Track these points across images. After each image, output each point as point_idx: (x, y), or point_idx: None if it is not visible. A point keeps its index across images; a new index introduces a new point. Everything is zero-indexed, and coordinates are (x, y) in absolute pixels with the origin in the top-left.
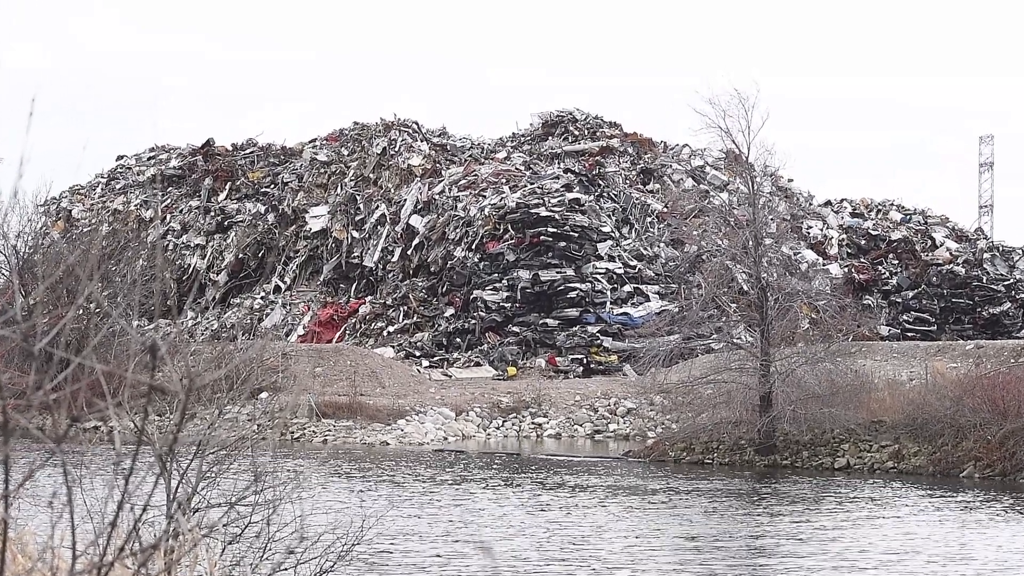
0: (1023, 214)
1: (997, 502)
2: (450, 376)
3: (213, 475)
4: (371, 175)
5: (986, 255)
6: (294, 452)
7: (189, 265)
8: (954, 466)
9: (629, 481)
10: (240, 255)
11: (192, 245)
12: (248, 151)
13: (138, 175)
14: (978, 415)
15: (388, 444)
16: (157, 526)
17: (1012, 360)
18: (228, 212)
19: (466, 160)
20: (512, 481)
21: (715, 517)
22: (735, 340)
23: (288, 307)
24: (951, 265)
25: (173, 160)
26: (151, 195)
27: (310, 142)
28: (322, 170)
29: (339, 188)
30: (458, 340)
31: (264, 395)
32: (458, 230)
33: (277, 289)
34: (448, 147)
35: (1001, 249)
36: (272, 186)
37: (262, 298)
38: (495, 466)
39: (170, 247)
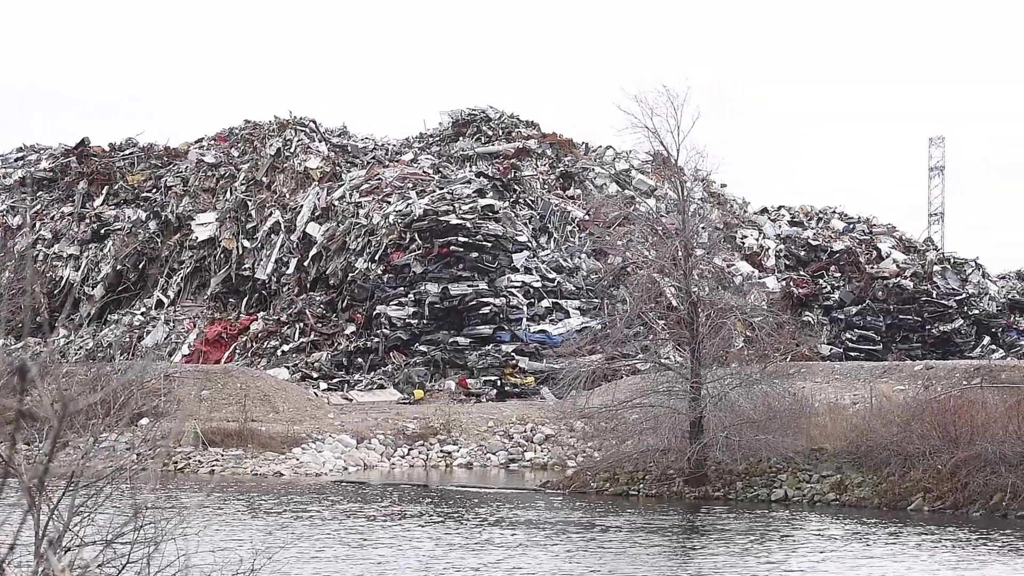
0: (976, 223)
1: (948, 538)
2: (351, 400)
3: (88, 510)
4: (264, 178)
5: (936, 268)
6: (178, 484)
7: (61, 277)
8: (901, 498)
9: (546, 515)
10: (118, 266)
11: (65, 255)
12: (127, 152)
13: (3, 178)
14: (927, 442)
15: (282, 475)
16: (25, 567)
17: (964, 382)
18: (105, 219)
19: (369, 163)
20: (418, 515)
21: (640, 555)
22: (663, 360)
23: (172, 324)
24: (898, 278)
25: (44, 161)
26: (19, 200)
27: (196, 142)
28: (210, 173)
29: (228, 193)
30: (360, 360)
31: (144, 421)
32: (360, 239)
33: (159, 304)
34: (349, 148)
35: (953, 261)
36: (154, 191)
37: (143, 314)
38: (399, 499)
39: (40, 257)
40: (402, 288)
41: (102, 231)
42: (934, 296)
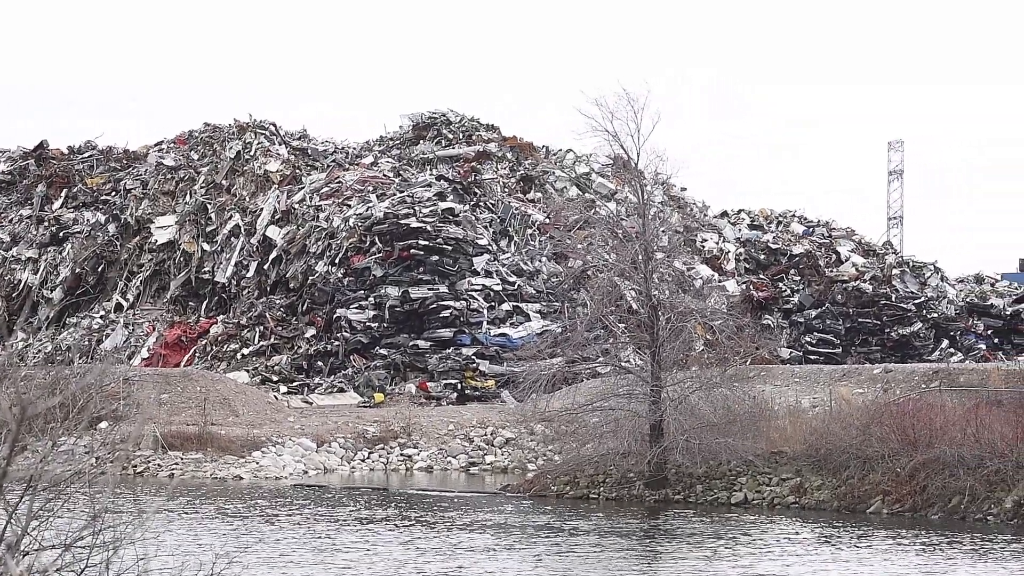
0: (935, 226)
1: (907, 540)
2: (311, 403)
3: (46, 514)
4: (224, 182)
5: (895, 271)
6: (137, 488)
7: (20, 281)
8: (860, 501)
9: (512, 519)
10: (77, 269)
11: (23, 258)
12: (87, 155)
13: None
14: (886, 445)
15: (242, 479)
16: None
17: (923, 385)
18: (64, 222)
19: (329, 166)
20: (384, 519)
21: (599, 558)
22: (623, 364)
23: (131, 327)
24: (857, 282)
25: (1, 164)
26: None
27: (156, 145)
28: (169, 176)
29: (188, 196)
30: (320, 364)
31: (103, 425)
32: (320, 242)
33: (119, 307)
34: (309, 151)
35: (912, 265)
36: (113, 193)
37: (102, 317)
38: (360, 502)
39: None
40: (362, 291)
41: (61, 234)
42: (893, 300)
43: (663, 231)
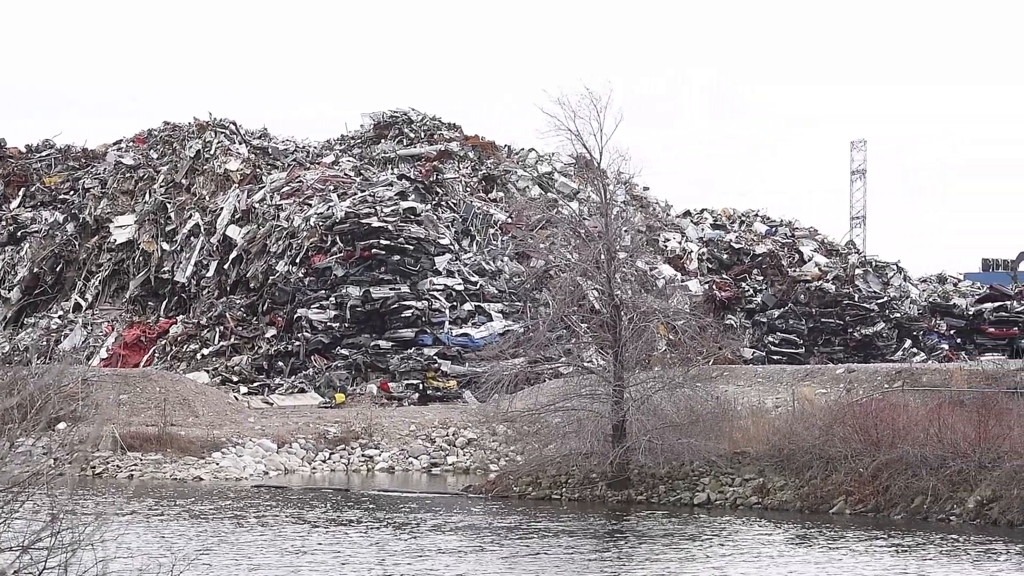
0: (898, 226)
1: (880, 541)
2: (271, 404)
3: (4, 515)
4: (183, 181)
5: (858, 271)
6: (96, 489)
7: None
8: (823, 501)
9: (468, 519)
10: (35, 269)
11: None
12: (44, 153)
13: None
14: (849, 446)
15: (202, 479)
16: None
17: (886, 385)
18: (21, 221)
19: (290, 165)
20: (351, 521)
21: (560, 560)
22: (586, 364)
23: (90, 327)
24: (820, 282)
25: None
26: None
27: (115, 144)
28: (128, 175)
29: (147, 195)
30: (280, 364)
31: (62, 426)
32: (281, 242)
33: (77, 307)
34: (270, 150)
35: (874, 264)
36: (72, 193)
37: (60, 317)
38: (321, 503)
39: None
40: (323, 291)
41: (18, 233)
42: (856, 299)
43: (626, 231)
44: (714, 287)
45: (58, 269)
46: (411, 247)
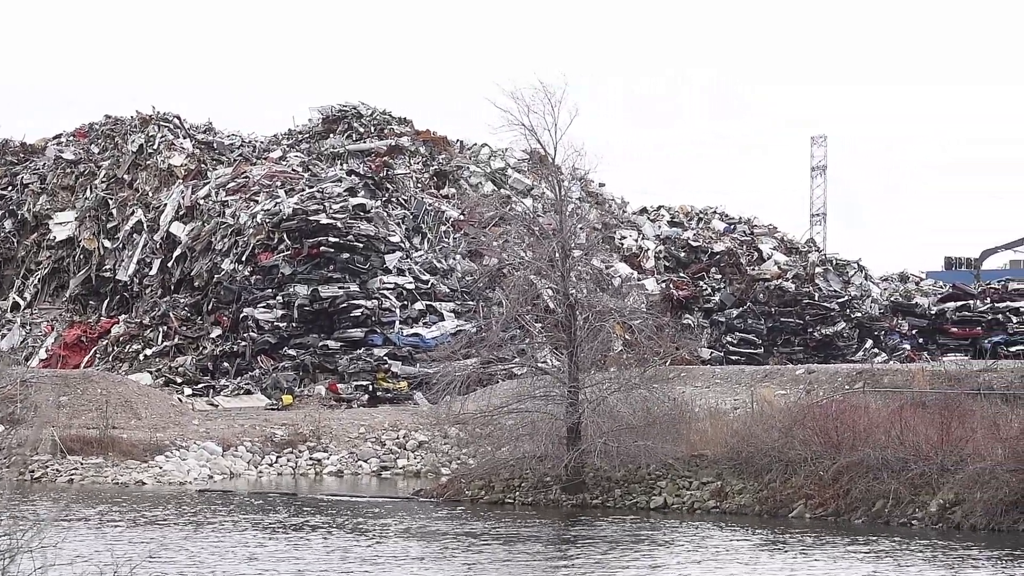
0: (858, 224)
1: (831, 546)
2: (216, 406)
3: None
4: (126, 176)
5: (818, 270)
6: (34, 494)
7: None
8: (783, 505)
9: (418, 524)
10: None
11: None
12: None
13: None
14: (809, 448)
15: (144, 484)
16: None
17: (846, 386)
18: None
19: (235, 160)
20: (306, 526)
21: (511, 566)
22: (540, 364)
23: (28, 327)
24: (780, 280)
25: None
26: None
27: (54, 138)
28: (69, 170)
29: (88, 191)
30: (226, 365)
31: (0, 428)
32: (226, 239)
33: (16, 306)
34: (215, 145)
35: (835, 263)
36: (10, 188)
37: None
38: (268, 508)
39: None
40: (270, 290)
41: None
42: (816, 298)
43: (581, 228)
44: (671, 286)
45: None
46: (360, 245)
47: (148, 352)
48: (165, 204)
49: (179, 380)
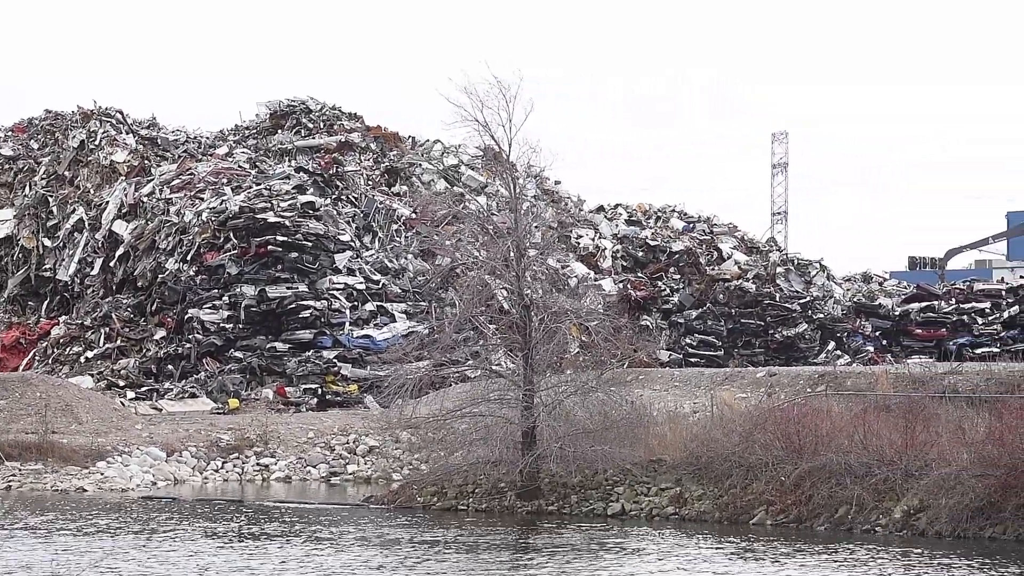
0: (821, 222)
1: (792, 556)
2: (160, 410)
3: None
4: (66, 173)
5: (779, 270)
6: None
7: None
8: (743, 511)
9: (372, 531)
10: None
11: None
12: None
13: None
14: (770, 453)
15: (85, 491)
16: None
17: (808, 389)
18: None
19: (180, 156)
20: (235, 532)
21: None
22: (494, 367)
23: None
24: (740, 281)
25: None
26: None
27: None
28: (7, 166)
29: (27, 188)
30: (170, 368)
31: None
32: (171, 238)
33: None
34: (159, 141)
35: (796, 263)
36: None
37: None
38: (212, 515)
39: None
40: (216, 290)
41: None
42: (777, 299)
43: (536, 227)
44: (629, 286)
45: None
46: (309, 244)
47: (89, 354)
48: (107, 202)
49: (122, 383)
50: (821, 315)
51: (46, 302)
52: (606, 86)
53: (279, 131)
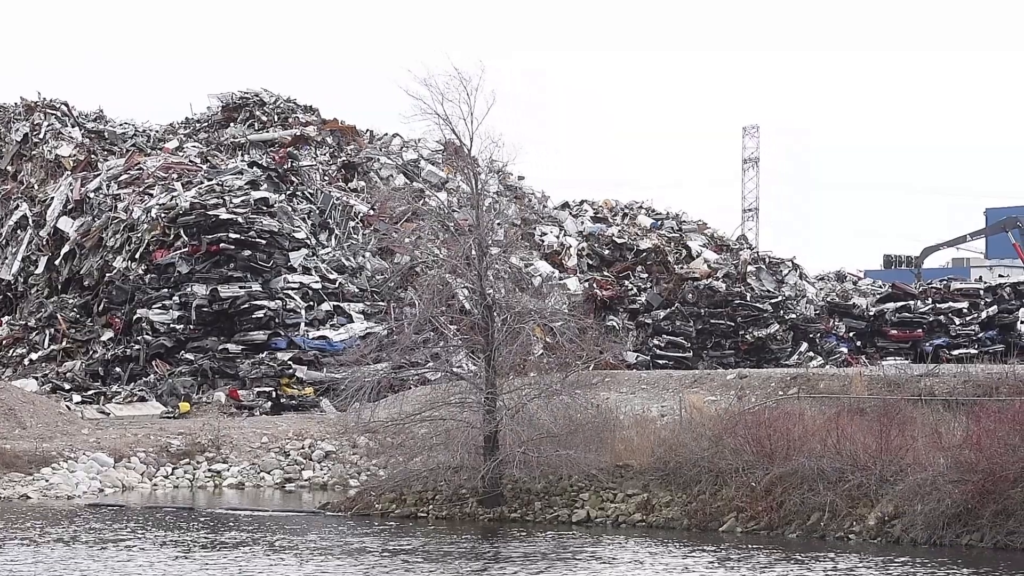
0: (793, 219)
1: (770, 568)
2: (108, 414)
3: None
4: (9, 168)
5: (750, 268)
6: None
7: None
8: (713, 518)
9: (327, 540)
10: None
11: None
12: None
13: None
14: (740, 458)
15: (29, 498)
16: None
17: (780, 392)
18: None
19: (128, 150)
20: (188, 541)
21: None
22: (455, 369)
23: None
24: (709, 280)
25: None
26: None
27: None
28: None
29: None
30: (118, 370)
31: None
32: (118, 235)
33: None
34: (106, 134)
35: (768, 261)
36: None
37: None
38: (163, 523)
39: None
40: (166, 290)
41: None
42: (748, 299)
43: (499, 224)
44: (595, 285)
45: None
46: (263, 241)
47: (34, 356)
48: (52, 197)
49: (67, 386)
50: (793, 315)
51: None
52: (573, 76)
53: (231, 124)
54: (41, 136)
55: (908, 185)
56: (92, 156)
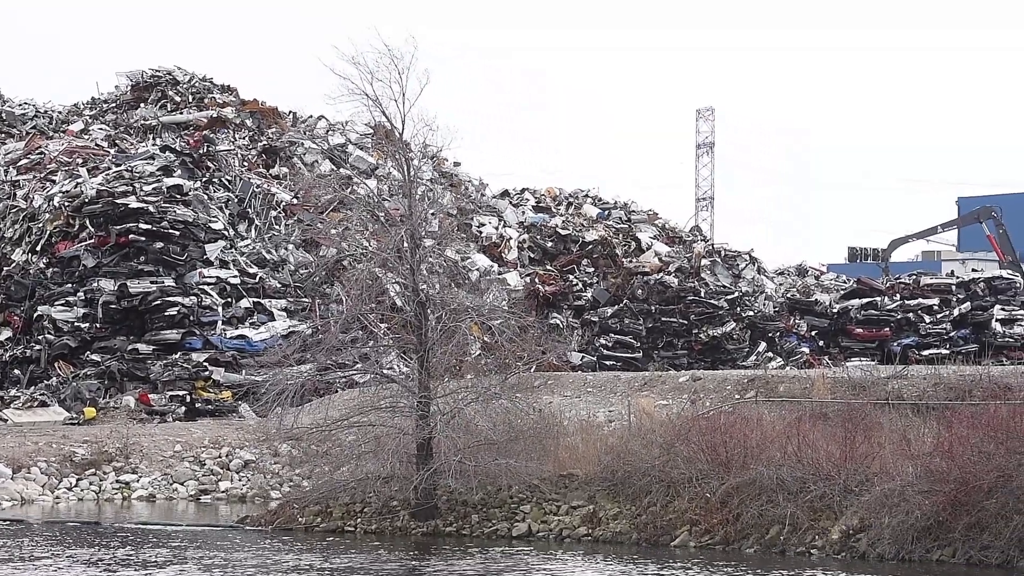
0: (750, 209)
1: None
2: (5, 420)
3: None
4: None
5: (705, 262)
6: None
7: None
8: (664, 532)
9: (240, 556)
10: None
11: None
12: None
13: None
14: (694, 467)
15: None
16: None
17: (736, 396)
18: None
19: (28, 133)
20: (95, 559)
21: None
22: (386, 371)
23: None
24: (661, 274)
25: None
26: None
27: None
28: None
29: None
30: (17, 372)
31: None
32: (17, 226)
33: None
34: (3, 115)
35: (724, 254)
36: None
37: None
38: (64, 539)
39: None
40: (70, 285)
41: None
42: (702, 295)
43: (433, 214)
44: (537, 280)
45: None
46: (177, 232)
47: None
48: None
49: None
50: (751, 313)
51: None
52: (510, 58)
53: (142, 105)
54: None
55: (875, 174)
56: None
